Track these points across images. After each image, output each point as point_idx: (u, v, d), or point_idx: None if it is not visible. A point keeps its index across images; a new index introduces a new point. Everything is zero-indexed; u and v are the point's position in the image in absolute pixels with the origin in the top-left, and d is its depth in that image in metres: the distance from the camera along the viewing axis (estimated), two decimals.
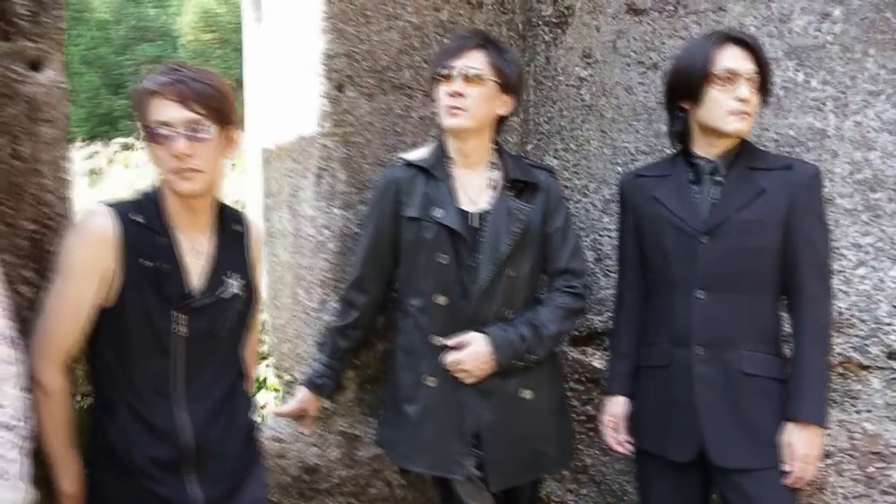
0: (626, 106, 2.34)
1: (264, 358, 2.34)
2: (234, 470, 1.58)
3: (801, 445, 1.72)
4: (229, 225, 1.62)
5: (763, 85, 1.77)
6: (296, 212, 2.07)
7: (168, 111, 1.43)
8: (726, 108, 1.74)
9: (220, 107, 1.48)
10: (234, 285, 1.58)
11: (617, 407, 1.92)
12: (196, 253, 1.54)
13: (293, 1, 2.08)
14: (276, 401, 2.24)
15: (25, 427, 1.21)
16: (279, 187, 2.15)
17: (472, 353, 1.82)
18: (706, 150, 1.82)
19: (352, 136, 2.04)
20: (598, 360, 2.41)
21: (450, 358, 1.83)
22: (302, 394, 1.95)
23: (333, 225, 2.04)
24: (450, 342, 1.84)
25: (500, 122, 1.92)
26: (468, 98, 1.80)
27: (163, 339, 1.49)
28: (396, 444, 1.90)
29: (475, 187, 1.90)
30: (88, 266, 1.44)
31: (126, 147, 7.41)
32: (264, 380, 2.37)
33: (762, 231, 1.76)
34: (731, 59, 1.74)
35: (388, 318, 2.01)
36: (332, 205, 2.03)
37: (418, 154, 1.93)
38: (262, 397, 2.32)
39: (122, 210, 1.48)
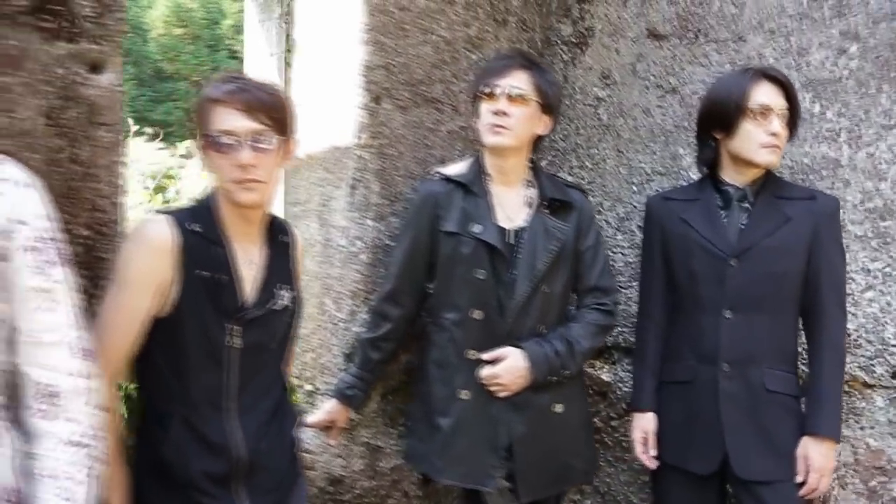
0: (643, 127, 2.41)
1: None
2: (281, 484, 1.56)
3: (817, 459, 1.82)
4: (277, 236, 1.61)
5: (792, 120, 1.87)
6: (326, 221, 2.07)
7: (233, 120, 1.42)
8: (759, 142, 1.83)
9: (282, 117, 1.48)
10: (284, 297, 1.57)
11: (648, 422, 1.98)
12: (249, 264, 1.53)
13: (330, 10, 2.07)
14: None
15: (97, 447, 1.18)
16: (308, 196, 2.13)
17: (508, 367, 1.85)
18: (735, 177, 1.91)
19: (386, 148, 2.04)
20: (606, 374, 2.47)
21: (486, 372, 1.86)
22: (331, 405, 1.94)
23: (366, 236, 2.04)
24: (486, 356, 1.86)
25: (538, 141, 1.96)
26: (512, 117, 1.84)
27: (217, 350, 1.47)
28: (428, 457, 1.91)
29: (512, 204, 1.93)
30: (146, 275, 1.41)
31: None
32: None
33: (787, 256, 1.85)
34: (766, 95, 1.83)
35: (413, 331, 2.02)
36: (365, 216, 2.03)
37: (455, 169, 1.95)
38: None
39: (180, 219, 1.46)
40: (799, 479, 1.83)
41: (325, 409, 1.94)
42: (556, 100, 1.92)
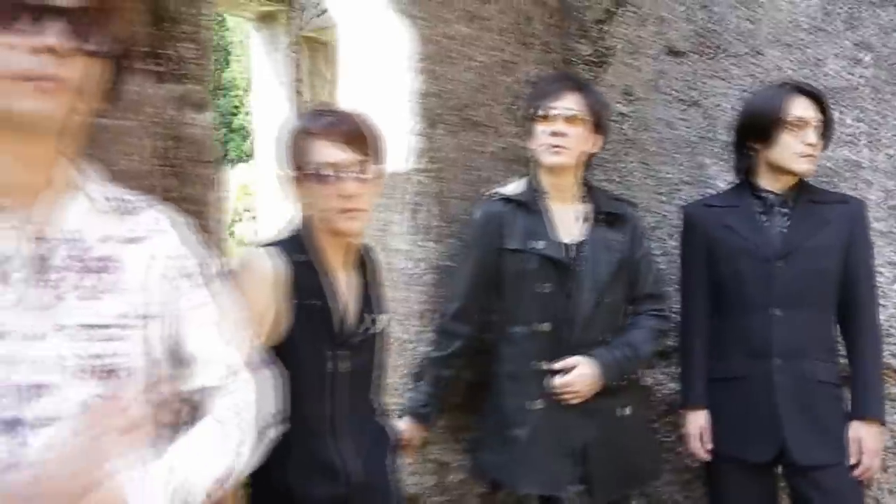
0: (668, 140, 2.53)
1: None
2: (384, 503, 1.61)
3: (869, 440, 1.95)
4: (367, 261, 1.66)
5: (826, 131, 2.01)
6: (386, 246, 2.12)
7: (336, 153, 1.47)
8: (796, 151, 1.96)
9: (378, 147, 1.53)
10: (379, 321, 1.62)
11: (702, 419, 2.08)
12: (347, 290, 1.58)
13: (378, 41, 2.14)
14: None
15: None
16: None
17: (580, 374, 1.92)
18: (772, 184, 2.04)
19: (442, 171, 2.11)
20: (647, 377, 2.56)
21: (559, 381, 1.93)
22: (405, 424, 1.99)
23: (428, 258, 2.10)
24: (556, 366, 1.94)
25: (589, 158, 2.05)
26: (568, 137, 1.93)
27: (327, 376, 1.51)
28: (505, 468, 1.97)
29: (568, 220, 2.02)
30: (258, 308, 1.44)
31: None
32: None
33: (828, 255, 1.99)
34: (802, 107, 1.97)
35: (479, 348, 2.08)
36: (426, 238, 2.09)
37: (512, 189, 2.03)
38: None
39: (284, 250, 1.50)
40: (852, 461, 1.95)
41: (400, 428, 1.98)
42: (606, 118, 2.02)
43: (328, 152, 1.47)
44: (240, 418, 1.06)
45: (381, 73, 2.13)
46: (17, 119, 0.86)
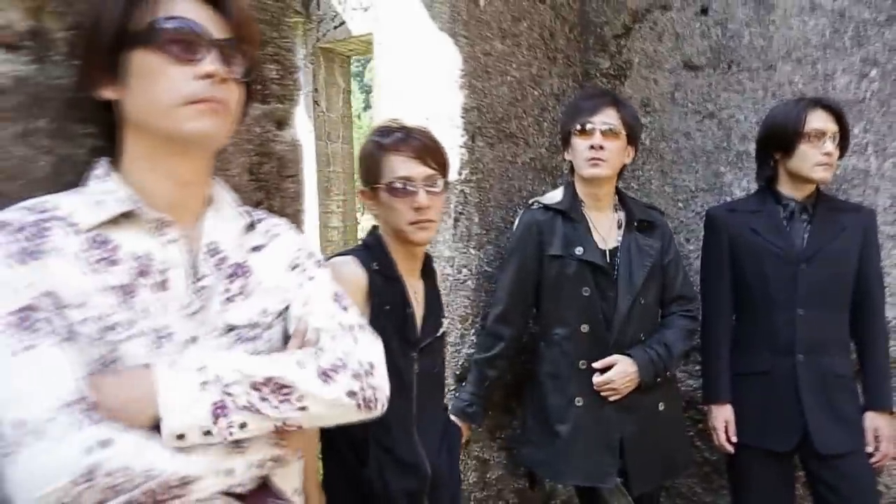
0: (685, 149, 2.67)
1: None
2: (453, 498, 1.70)
3: (886, 428, 2.10)
4: (429, 268, 1.76)
5: (843, 141, 2.15)
6: (430, 253, 2.21)
7: (410, 167, 1.56)
8: (814, 161, 2.10)
9: (445, 161, 1.63)
10: (443, 324, 1.72)
11: (728, 412, 2.21)
12: (416, 296, 1.67)
13: (417, 58, 2.24)
14: None
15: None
16: None
17: (620, 372, 2.04)
18: (792, 192, 2.18)
19: (482, 182, 2.22)
20: None
21: (600, 378, 2.04)
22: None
23: (471, 264, 2.20)
24: (597, 365, 2.05)
25: (622, 169, 2.17)
26: (606, 150, 2.04)
27: (404, 377, 1.60)
28: (549, 462, 2.07)
29: (605, 227, 2.13)
30: None
31: None
32: None
33: (846, 259, 2.14)
34: (820, 120, 2.11)
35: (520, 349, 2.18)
36: (468, 245, 2.19)
37: (552, 198, 2.14)
38: None
39: (363, 259, 1.59)
40: (869, 449, 2.10)
41: None
42: (639, 132, 2.14)
43: (403, 166, 1.56)
44: (324, 355, 1.01)
45: (425, 88, 2.23)
46: (186, 140, 0.95)
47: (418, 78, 2.24)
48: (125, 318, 0.89)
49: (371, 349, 1.05)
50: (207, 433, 0.87)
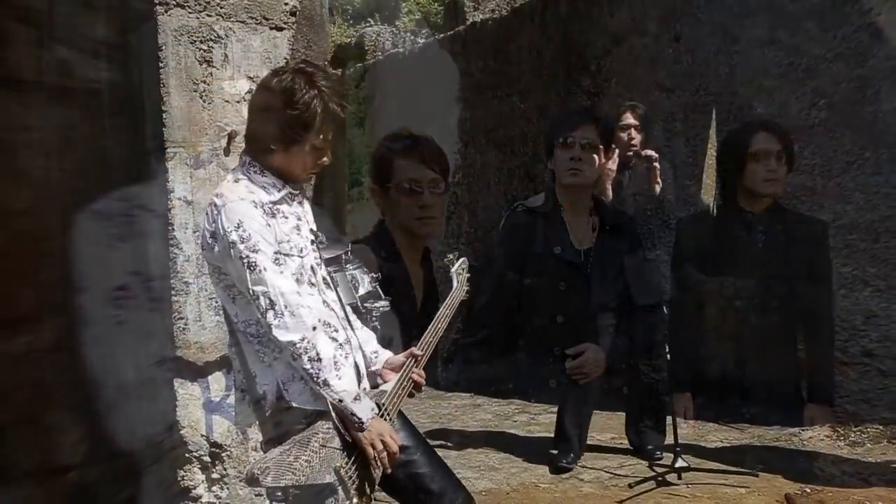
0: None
1: None
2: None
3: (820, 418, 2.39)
4: (427, 258, 2.00)
5: (789, 158, 2.43)
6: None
7: (417, 171, 1.81)
8: (762, 177, 2.37)
9: (447, 167, 1.88)
10: (439, 307, 1.96)
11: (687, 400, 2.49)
12: (416, 281, 1.92)
13: (415, 73, 2.49)
14: None
15: None
16: None
17: (590, 359, 2.30)
18: (750, 205, 2.45)
19: (472, 185, 2.47)
20: None
21: (572, 364, 2.30)
22: None
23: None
24: (570, 351, 2.31)
25: (601, 176, 2.44)
26: (585, 162, 2.30)
27: None
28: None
29: (581, 229, 2.39)
30: None
31: None
32: None
33: (796, 267, 2.41)
34: (764, 141, 2.38)
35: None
36: (458, 242, 2.44)
37: (535, 202, 2.39)
38: None
39: (373, 247, 1.82)
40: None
41: None
42: (613, 140, 2.41)
43: (412, 170, 1.80)
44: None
45: (423, 101, 2.48)
46: None
47: (413, 91, 2.49)
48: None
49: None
50: None
